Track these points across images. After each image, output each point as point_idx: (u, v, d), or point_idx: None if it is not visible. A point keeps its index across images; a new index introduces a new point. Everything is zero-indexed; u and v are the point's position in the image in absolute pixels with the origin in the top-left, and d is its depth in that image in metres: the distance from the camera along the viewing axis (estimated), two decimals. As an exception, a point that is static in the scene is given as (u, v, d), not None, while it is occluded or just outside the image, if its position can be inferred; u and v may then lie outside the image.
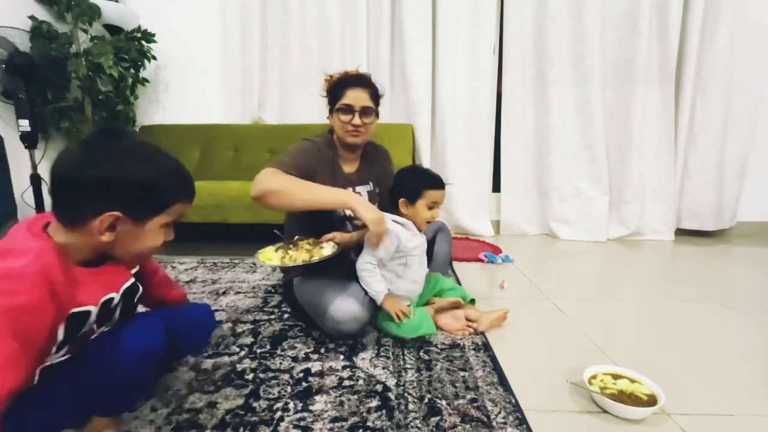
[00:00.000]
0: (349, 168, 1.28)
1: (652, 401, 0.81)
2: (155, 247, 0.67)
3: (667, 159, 2.44)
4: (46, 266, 0.55)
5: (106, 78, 2.28)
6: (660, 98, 2.40)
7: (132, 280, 0.70)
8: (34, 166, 2.03)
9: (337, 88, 1.19)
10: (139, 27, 2.37)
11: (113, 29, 2.35)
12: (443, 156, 2.55)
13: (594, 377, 0.89)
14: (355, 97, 1.16)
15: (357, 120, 1.16)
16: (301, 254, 1.04)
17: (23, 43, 2.01)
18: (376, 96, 1.22)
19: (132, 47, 2.30)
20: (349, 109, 1.17)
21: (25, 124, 1.94)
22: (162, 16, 2.52)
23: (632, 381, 0.86)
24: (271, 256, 1.06)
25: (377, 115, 1.24)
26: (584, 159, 2.49)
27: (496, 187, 2.68)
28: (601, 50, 2.37)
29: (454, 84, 2.48)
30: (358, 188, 1.26)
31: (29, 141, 1.98)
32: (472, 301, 1.27)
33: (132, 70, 2.35)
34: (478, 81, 2.48)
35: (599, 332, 1.19)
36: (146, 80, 2.46)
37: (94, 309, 0.63)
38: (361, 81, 1.19)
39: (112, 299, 0.66)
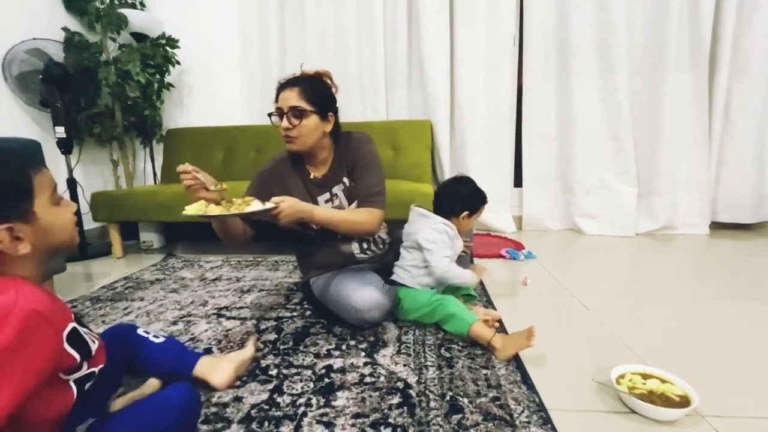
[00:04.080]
0: (319, 172, 1.23)
1: (684, 402, 0.77)
2: (68, 221, 0.64)
3: (700, 148, 2.32)
4: (33, 296, 0.53)
5: (134, 84, 2.37)
6: (692, 84, 2.28)
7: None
8: (70, 171, 2.14)
9: (275, 95, 1.14)
10: (164, 33, 2.45)
11: (139, 37, 2.44)
12: (462, 151, 2.51)
13: (622, 377, 0.86)
14: (284, 98, 1.09)
15: (285, 122, 1.09)
16: (217, 209, 0.92)
17: (58, 54, 2.12)
18: (313, 93, 1.10)
19: (157, 53, 2.38)
20: (279, 113, 1.11)
21: (60, 131, 2.04)
22: (184, 21, 2.58)
23: (663, 381, 0.83)
24: (190, 208, 0.94)
25: (321, 116, 1.12)
26: (610, 150, 2.40)
27: (518, 182, 2.63)
28: (628, 37, 2.28)
29: (473, 78, 2.44)
30: (334, 189, 1.22)
31: (65, 147, 2.08)
32: (471, 296, 1.29)
33: (158, 76, 2.43)
34: (498, 74, 2.43)
35: (627, 330, 1.15)
36: (171, 85, 2.55)
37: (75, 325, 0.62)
38: (291, 81, 1.11)
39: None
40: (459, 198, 1.21)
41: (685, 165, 2.35)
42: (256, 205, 0.93)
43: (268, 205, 0.95)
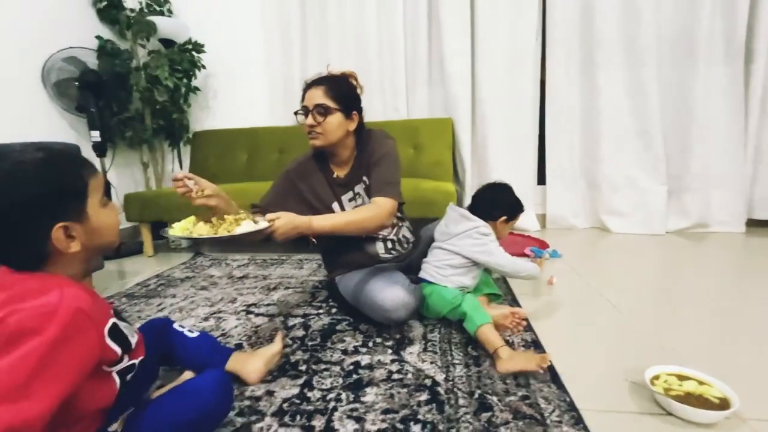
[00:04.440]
0: (342, 171, 1.24)
1: (724, 405, 0.75)
2: (115, 222, 0.67)
3: (735, 142, 2.22)
4: (77, 295, 0.55)
5: (163, 88, 2.45)
6: (726, 76, 2.19)
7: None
8: (105, 173, 2.24)
9: (302, 94, 1.17)
10: (190, 39, 2.52)
11: (167, 43, 2.52)
12: (484, 149, 2.49)
13: (656, 377, 0.84)
14: (309, 96, 1.13)
15: (309, 120, 1.12)
16: (204, 228, 0.87)
17: (92, 61, 2.21)
18: (338, 92, 1.13)
19: (184, 58, 2.45)
20: (304, 110, 1.14)
21: (95, 135, 2.14)
22: (209, 27, 2.66)
23: (701, 383, 0.81)
24: (177, 226, 0.89)
25: (345, 114, 1.15)
26: (638, 146, 2.33)
27: (541, 180, 2.58)
28: (656, 28, 2.21)
29: (494, 74, 2.41)
30: (356, 188, 1.23)
31: (100, 150, 2.18)
32: (497, 296, 1.29)
33: (185, 80, 2.50)
34: (520, 69, 2.40)
35: (660, 331, 1.12)
36: (197, 88, 2.62)
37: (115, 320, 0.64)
38: (317, 80, 1.15)
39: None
40: (499, 203, 1.22)
41: (718, 160, 2.25)
42: (247, 225, 0.87)
43: (261, 224, 0.89)
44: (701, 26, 2.15)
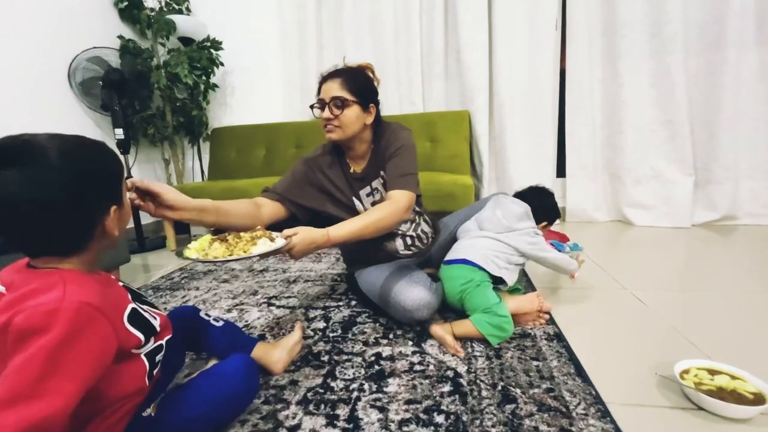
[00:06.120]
0: (359, 166, 1.22)
1: (759, 400, 0.73)
2: (130, 210, 0.69)
3: (767, 131, 2.13)
4: (81, 288, 0.53)
5: (182, 86, 2.50)
6: (759, 61, 2.09)
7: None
8: (128, 170, 2.30)
9: (318, 87, 1.15)
10: (208, 36, 2.55)
11: (186, 41, 2.56)
12: (502, 141, 2.45)
13: (686, 371, 0.82)
14: (326, 89, 1.11)
15: (326, 113, 1.10)
16: (219, 249, 0.83)
17: (115, 61, 2.27)
18: (355, 84, 1.11)
19: (203, 56, 2.49)
20: (320, 104, 1.12)
21: (119, 133, 2.19)
22: (226, 24, 2.69)
23: (733, 377, 0.78)
24: (193, 247, 0.87)
25: (363, 107, 1.12)
26: (663, 136, 2.25)
27: (561, 172, 2.53)
28: (683, 13, 2.12)
29: (512, 66, 2.37)
30: (374, 183, 1.21)
31: (123, 147, 2.23)
32: (517, 289, 1.30)
33: (204, 77, 2.54)
34: (539, 60, 2.35)
35: (688, 325, 1.09)
36: (216, 85, 2.66)
37: (134, 305, 0.64)
38: (333, 72, 1.13)
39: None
40: (546, 210, 1.29)
41: (748, 150, 2.17)
42: (263, 245, 0.83)
43: (279, 241, 0.85)
44: (731, 9, 2.06)
